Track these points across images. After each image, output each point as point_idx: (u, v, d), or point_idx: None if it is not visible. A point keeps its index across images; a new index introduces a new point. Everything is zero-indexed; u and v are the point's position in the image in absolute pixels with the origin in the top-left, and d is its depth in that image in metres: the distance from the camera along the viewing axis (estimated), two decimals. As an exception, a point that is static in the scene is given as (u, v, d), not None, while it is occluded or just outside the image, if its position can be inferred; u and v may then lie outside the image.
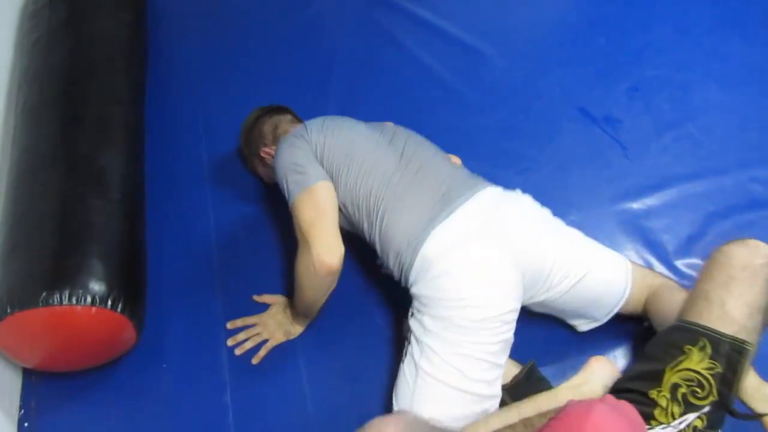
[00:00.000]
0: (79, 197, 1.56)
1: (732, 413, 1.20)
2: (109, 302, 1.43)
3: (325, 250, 1.41)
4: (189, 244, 1.83)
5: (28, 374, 1.65)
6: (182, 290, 1.75)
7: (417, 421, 0.93)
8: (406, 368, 1.39)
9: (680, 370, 1.18)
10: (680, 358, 1.19)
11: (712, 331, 1.19)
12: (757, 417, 1.23)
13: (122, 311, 1.45)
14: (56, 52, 1.83)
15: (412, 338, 1.40)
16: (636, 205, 1.81)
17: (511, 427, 1.29)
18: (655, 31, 2.22)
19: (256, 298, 1.71)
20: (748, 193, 1.82)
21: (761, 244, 1.27)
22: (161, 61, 2.25)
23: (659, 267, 1.70)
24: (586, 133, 2.00)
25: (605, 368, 1.38)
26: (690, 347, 1.19)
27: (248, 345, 1.63)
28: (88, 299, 1.41)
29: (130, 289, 1.50)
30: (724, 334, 1.18)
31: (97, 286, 1.43)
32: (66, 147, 1.64)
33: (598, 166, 1.92)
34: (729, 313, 1.20)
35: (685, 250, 1.72)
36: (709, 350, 1.18)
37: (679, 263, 1.70)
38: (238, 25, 2.40)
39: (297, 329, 1.64)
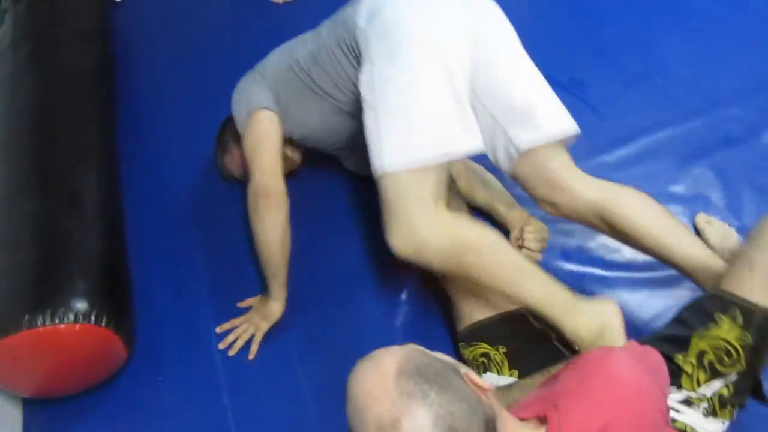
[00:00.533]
0: (55, 219, 1.58)
1: (758, 389, 1.17)
2: (93, 318, 1.44)
3: (261, 174, 1.49)
4: (174, 254, 1.85)
5: (27, 404, 1.65)
6: (172, 301, 1.77)
7: (419, 351, 0.90)
8: (367, 119, 1.34)
9: (709, 338, 1.15)
10: (710, 326, 1.16)
11: (746, 302, 1.16)
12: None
13: (107, 325, 1.46)
14: (23, 87, 1.87)
15: (363, 96, 1.36)
16: (609, 158, 1.81)
17: (508, 387, 1.29)
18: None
19: (239, 304, 1.71)
20: (722, 132, 1.82)
21: None
22: (131, 84, 2.28)
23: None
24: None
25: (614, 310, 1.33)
26: (721, 316, 1.16)
27: (239, 344, 1.63)
28: (71, 317, 1.42)
29: (113, 304, 1.52)
30: (758, 306, 1.15)
31: (78, 303, 1.44)
32: (39, 173, 1.67)
33: (569, 127, 1.91)
34: None
35: (663, 194, 1.71)
36: (740, 320, 1.15)
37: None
38: (203, 43, 2.43)
39: (274, 307, 1.61)
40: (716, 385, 1.13)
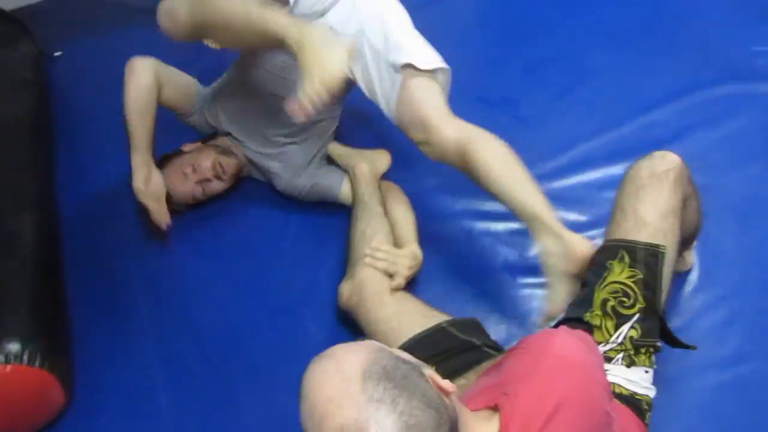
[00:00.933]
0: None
1: (666, 332, 1.21)
2: (25, 358, 1.39)
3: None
4: (112, 295, 1.81)
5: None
6: (113, 342, 1.71)
7: (384, 351, 0.85)
8: None
9: (606, 286, 1.20)
10: (604, 275, 1.21)
11: (626, 242, 1.22)
12: (689, 347, 1.25)
13: (41, 365, 1.42)
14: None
15: None
16: (545, 169, 1.84)
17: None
18: (538, 13, 2.31)
19: None
20: (649, 136, 1.87)
21: (665, 153, 1.31)
22: (70, 132, 2.25)
23: (574, 217, 1.74)
24: (487, 118, 1.94)
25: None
26: (611, 262, 1.22)
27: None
28: (1, 358, 1.35)
29: (48, 344, 1.47)
30: (638, 241, 1.21)
31: (10, 344, 1.39)
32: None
33: (503, 143, 1.95)
34: (642, 218, 1.23)
35: (598, 198, 1.75)
36: (627, 260, 1.20)
37: (595, 212, 1.73)
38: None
39: (133, 162, 1.75)
40: (625, 330, 1.17)
